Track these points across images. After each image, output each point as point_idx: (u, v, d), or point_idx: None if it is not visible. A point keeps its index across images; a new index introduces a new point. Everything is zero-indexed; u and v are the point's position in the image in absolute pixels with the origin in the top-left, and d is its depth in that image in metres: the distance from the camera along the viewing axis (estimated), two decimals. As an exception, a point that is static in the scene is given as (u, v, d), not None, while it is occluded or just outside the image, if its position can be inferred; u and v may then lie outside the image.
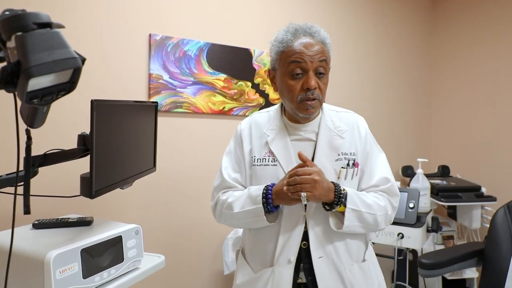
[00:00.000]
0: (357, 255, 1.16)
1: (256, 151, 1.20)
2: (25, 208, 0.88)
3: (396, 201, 1.18)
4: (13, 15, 0.58)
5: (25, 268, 0.98)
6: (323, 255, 1.10)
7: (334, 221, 1.10)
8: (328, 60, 1.12)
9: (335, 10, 2.55)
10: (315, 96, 1.10)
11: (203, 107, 2.02)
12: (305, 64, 1.08)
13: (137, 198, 1.85)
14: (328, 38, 1.14)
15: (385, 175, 1.18)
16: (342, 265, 1.11)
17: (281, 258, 1.11)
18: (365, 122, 1.25)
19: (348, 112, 1.26)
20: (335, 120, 1.20)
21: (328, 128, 1.18)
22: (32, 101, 0.62)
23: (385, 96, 2.84)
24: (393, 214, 1.17)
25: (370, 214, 1.10)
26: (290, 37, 1.12)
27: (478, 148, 2.82)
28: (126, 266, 1.16)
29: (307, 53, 1.08)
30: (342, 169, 1.14)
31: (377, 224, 1.12)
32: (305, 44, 1.09)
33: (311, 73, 1.09)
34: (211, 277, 2.10)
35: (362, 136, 1.20)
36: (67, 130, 1.59)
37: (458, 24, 2.97)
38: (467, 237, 2.67)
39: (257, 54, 2.19)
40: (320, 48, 1.10)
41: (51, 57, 0.59)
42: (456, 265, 1.85)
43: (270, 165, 1.16)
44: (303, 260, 1.12)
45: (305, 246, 1.12)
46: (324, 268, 1.10)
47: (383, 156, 1.23)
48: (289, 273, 1.11)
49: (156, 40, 1.86)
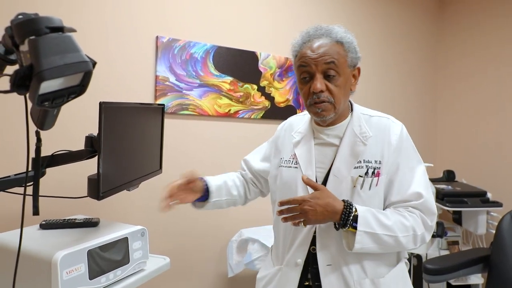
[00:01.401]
0: (374, 271, 1.08)
1: (284, 153, 1.21)
2: (34, 209, 0.89)
3: (432, 219, 1.07)
4: (26, 19, 0.59)
5: (32, 268, 0.99)
6: (332, 263, 1.07)
7: (347, 241, 1.05)
8: (338, 61, 1.06)
9: (341, 13, 2.55)
10: (323, 99, 1.06)
11: (209, 109, 2.03)
12: (309, 68, 1.06)
13: (142, 200, 1.86)
14: (347, 38, 1.08)
15: (418, 190, 1.06)
16: (352, 278, 1.06)
17: (290, 259, 1.12)
18: (400, 129, 1.12)
19: (383, 117, 1.16)
20: (362, 125, 1.13)
21: (353, 133, 1.12)
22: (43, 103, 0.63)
23: (390, 100, 2.83)
24: (426, 234, 1.06)
25: (390, 236, 1.02)
26: (299, 41, 1.10)
27: (484, 153, 2.80)
28: (131, 268, 1.17)
29: (311, 56, 1.05)
30: (359, 178, 1.07)
31: (401, 245, 1.04)
32: (312, 47, 1.06)
33: (318, 75, 1.05)
34: (215, 280, 2.10)
35: (392, 144, 1.10)
36: (73, 132, 1.60)
37: (464, 29, 2.96)
38: (472, 243, 2.66)
39: (263, 57, 2.20)
40: (329, 49, 1.05)
41: (63, 60, 0.59)
42: (461, 271, 1.84)
43: (292, 167, 1.16)
44: (311, 265, 1.10)
45: (314, 251, 1.10)
46: (331, 276, 1.07)
47: (420, 169, 1.11)
48: (295, 275, 1.10)
49: (163, 42, 1.88)
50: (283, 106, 2.28)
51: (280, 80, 2.27)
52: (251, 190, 1.36)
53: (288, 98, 2.29)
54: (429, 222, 1.06)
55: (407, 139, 1.13)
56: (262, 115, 2.21)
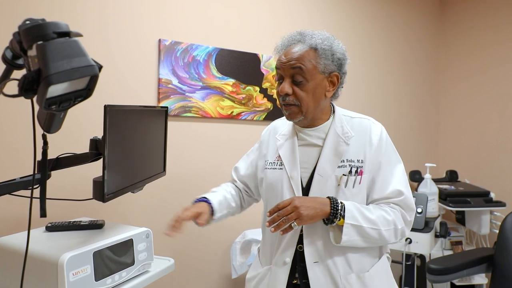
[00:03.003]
0: (359, 266, 1.12)
1: (269, 155, 1.26)
2: (42, 211, 0.90)
3: (410, 215, 1.13)
4: (34, 25, 0.60)
5: (39, 270, 1.00)
6: (319, 260, 1.11)
7: (334, 235, 1.09)
8: (306, 67, 1.08)
9: (343, 15, 2.56)
10: (288, 101, 1.11)
11: (211, 111, 2.04)
12: (281, 71, 1.13)
13: (146, 202, 1.87)
14: (323, 45, 1.09)
15: (399, 188, 1.12)
16: (338, 273, 1.10)
17: (278, 258, 1.16)
18: (380, 130, 1.18)
19: (364, 118, 1.22)
20: (344, 126, 1.18)
21: (335, 134, 1.16)
22: (50, 107, 0.64)
23: (392, 101, 2.84)
24: (405, 228, 1.12)
25: (373, 229, 1.07)
26: (279, 45, 1.17)
27: (487, 153, 2.80)
28: (137, 269, 1.18)
29: (282, 60, 1.12)
30: (343, 176, 1.11)
31: (384, 239, 1.09)
32: (286, 51, 1.13)
33: (286, 79, 1.11)
34: (219, 281, 2.11)
35: (373, 144, 1.15)
36: (77, 135, 1.61)
37: (466, 29, 2.96)
38: (476, 243, 2.65)
39: (265, 59, 2.21)
40: (299, 56, 1.08)
41: (70, 65, 0.61)
42: (465, 270, 1.84)
43: (277, 169, 1.21)
44: (298, 263, 1.14)
45: (301, 249, 1.14)
46: (318, 273, 1.11)
47: (400, 167, 1.17)
48: (284, 274, 1.14)
49: (166, 45, 1.89)
50: (285, 108, 2.28)
51: (282, 82, 2.28)
52: (245, 199, 1.41)
53: (290, 100, 2.30)
54: (408, 217, 1.13)
55: (387, 139, 1.19)
56: (265, 116, 2.22)
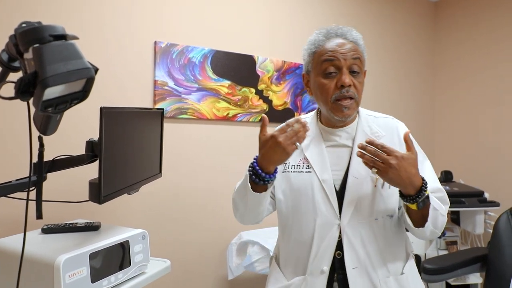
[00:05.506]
0: (394, 268, 1.08)
1: (291, 157, 1.06)
2: (38, 213, 0.91)
3: (446, 209, 1.08)
4: (30, 28, 0.61)
5: (35, 272, 1.00)
6: (358, 265, 1.05)
7: (410, 218, 1.01)
8: (362, 59, 1.09)
9: (339, 18, 2.58)
10: (351, 94, 1.05)
11: (207, 113, 2.04)
12: (338, 61, 1.05)
13: (142, 203, 1.87)
14: (360, 39, 1.11)
15: (437, 185, 1.10)
16: (377, 277, 1.05)
17: (314, 267, 1.07)
18: (406, 128, 1.16)
19: (388, 117, 1.19)
20: (372, 126, 1.14)
21: (365, 134, 1.11)
22: (47, 109, 0.65)
23: (388, 101, 2.85)
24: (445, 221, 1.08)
25: (443, 216, 1.03)
26: (322, 37, 1.10)
27: (481, 154, 2.83)
28: (133, 271, 1.18)
29: (340, 50, 1.05)
30: (379, 177, 1.03)
31: (438, 228, 1.04)
32: (338, 43, 1.07)
33: (345, 70, 1.05)
34: (215, 282, 2.11)
35: (402, 143, 1.06)
36: (72, 137, 1.61)
37: (460, 30, 2.99)
38: (471, 243, 2.67)
39: (261, 60, 2.22)
40: (353, 46, 1.07)
41: (66, 67, 0.61)
42: (460, 270, 1.86)
43: (304, 172, 1.12)
44: (337, 270, 1.07)
45: (339, 256, 1.06)
46: (358, 279, 1.04)
47: (429, 164, 1.14)
48: (322, 284, 1.06)
49: (161, 47, 1.89)
50: (281, 109, 2.29)
51: (278, 84, 2.29)
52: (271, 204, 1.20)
53: (285, 101, 2.31)
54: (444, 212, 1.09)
55: (413, 137, 1.13)
56: (260, 118, 2.22)
